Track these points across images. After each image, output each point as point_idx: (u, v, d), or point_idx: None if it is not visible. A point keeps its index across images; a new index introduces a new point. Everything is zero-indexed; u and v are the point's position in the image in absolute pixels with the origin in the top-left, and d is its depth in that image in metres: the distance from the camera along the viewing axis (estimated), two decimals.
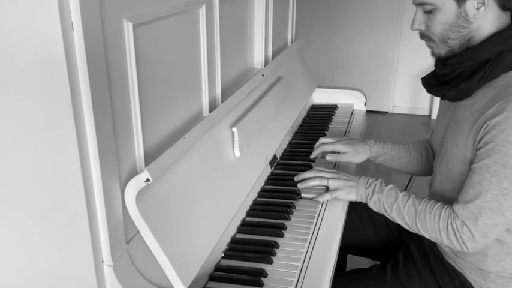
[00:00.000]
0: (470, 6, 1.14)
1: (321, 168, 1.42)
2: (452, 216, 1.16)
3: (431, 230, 1.19)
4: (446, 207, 1.18)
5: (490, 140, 1.10)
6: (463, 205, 1.15)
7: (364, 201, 1.32)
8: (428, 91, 1.33)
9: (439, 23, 1.18)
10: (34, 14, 0.68)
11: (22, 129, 0.76)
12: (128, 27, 0.84)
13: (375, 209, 1.30)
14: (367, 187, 1.31)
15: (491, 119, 1.10)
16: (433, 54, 1.27)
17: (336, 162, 1.63)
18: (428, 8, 1.19)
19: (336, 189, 1.35)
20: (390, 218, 1.28)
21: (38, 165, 0.77)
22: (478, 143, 1.13)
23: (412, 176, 2.51)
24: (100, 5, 0.75)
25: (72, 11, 0.69)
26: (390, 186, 1.29)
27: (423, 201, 1.22)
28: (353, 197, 1.33)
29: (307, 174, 1.41)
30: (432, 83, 1.32)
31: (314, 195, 1.39)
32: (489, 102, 1.14)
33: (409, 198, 1.24)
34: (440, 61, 1.27)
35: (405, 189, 2.56)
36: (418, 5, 1.21)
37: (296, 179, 1.44)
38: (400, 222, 1.25)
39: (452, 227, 1.15)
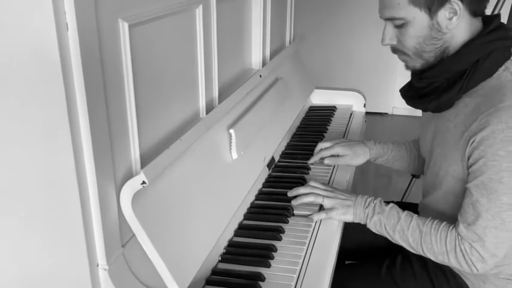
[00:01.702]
0: (442, 17, 1.11)
1: (317, 185, 1.34)
2: (459, 237, 1.12)
3: (438, 253, 1.15)
4: (452, 228, 1.14)
5: (480, 156, 1.07)
6: (466, 226, 1.11)
7: (363, 223, 1.26)
8: (408, 103, 1.29)
9: (412, 37, 1.15)
10: (29, 14, 0.67)
11: (16, 131, 0.75)
12: (124, 28, 0.83)
13: (374, 231, 1.24)
14: (366, 207, 1.25)
15: (477, 134, 1.08)
16: (407, 67, 1.24)
17: (334, 165, 1.61)
18: (398, 22, 1.15)
19: (331, 209, 1.29)
20: (391, 240, 1.23)
21: (32, 168, 0.76)
22: (468, 160, 1.11)
23: (412, 178, 2.51)
24: (95, 5, 0.74)
25: (67, 11, 0.68)
26: (390, 205, 1.24)
27: (427, 222, 1.17)
28: (350, 217, 1.27)
29: (301, 190, 1.35)
30: (411, 95, 1.29)
31: (308, 213, 1.32)
32: (472, 113, 1.12)
33: (412, 219, 1.19)
34: (416, 74, 1.24)
35: (405, 192, 2.58)
36: (387, 19, 1.18)
37: (289, 194, 1.37)
38: (403, 244, 1.21)
39: (461, 249, 1.11)
